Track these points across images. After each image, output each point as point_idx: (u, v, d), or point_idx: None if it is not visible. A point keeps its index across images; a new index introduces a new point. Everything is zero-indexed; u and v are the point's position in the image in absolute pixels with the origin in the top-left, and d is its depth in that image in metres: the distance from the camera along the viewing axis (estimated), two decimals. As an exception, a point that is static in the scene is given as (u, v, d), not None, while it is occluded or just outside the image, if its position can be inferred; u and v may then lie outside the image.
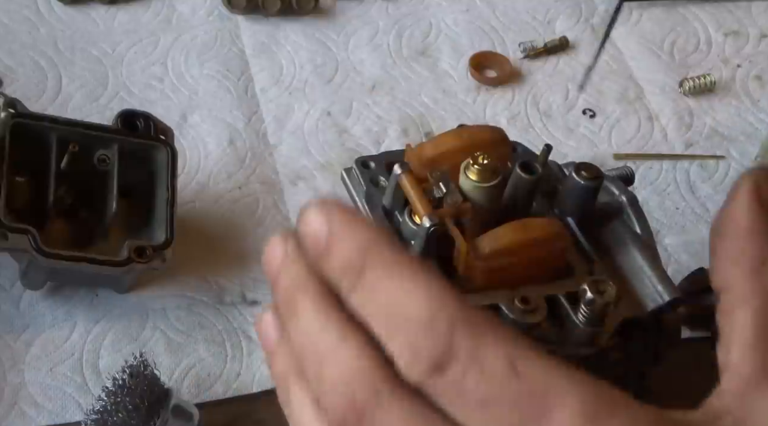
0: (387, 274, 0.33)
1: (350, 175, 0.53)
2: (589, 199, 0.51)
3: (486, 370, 0.31)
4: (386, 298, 0.32)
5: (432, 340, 0.31)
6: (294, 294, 0.34)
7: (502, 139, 0.51)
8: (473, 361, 0.31)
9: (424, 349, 0.31)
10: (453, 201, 0.46)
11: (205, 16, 0.87)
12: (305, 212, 0.34)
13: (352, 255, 0.33)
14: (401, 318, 0.32)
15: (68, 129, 0.64)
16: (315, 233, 0.34)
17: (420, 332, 0.31)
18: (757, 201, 0.38)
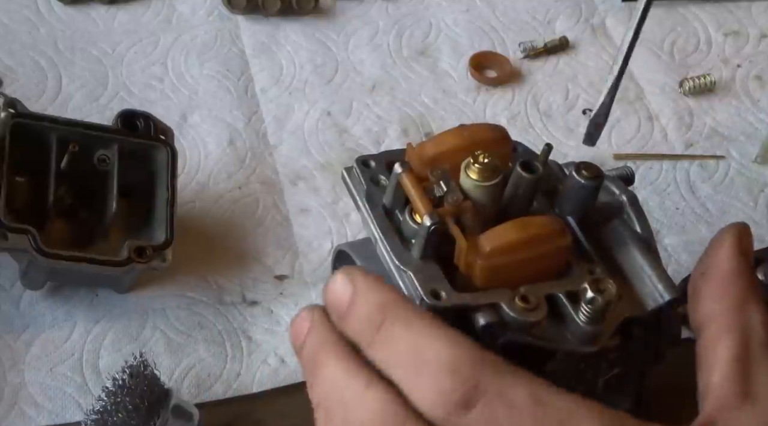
0: (406, 325, 0.36)
1: (351, 174, 0.53)
2: (590, 199, 0.51)
3: (513, 404, 0.34)
4: (406, 347, 0.36)
5: (458, 379, 0.34)
6: (318, 352, 0.38)
7: (503, 137, 0.51)
8: (500, 396, 0.34)
9: (451, 387, 0.34)
10: (453, 200, 0.46)
11: (205, 16, 0.87)
12: (331, 279, 0.38)
13: (372, 310, 0.37)
14: (424, 362, 0.35)
15: (68, 129, 0.64)
16: (339, 295, 0.38)
17: (445, 373, 0.34)
18: (738, 250, 0.43)
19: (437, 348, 0.35)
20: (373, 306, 0.37)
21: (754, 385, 0.39)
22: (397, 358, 0.36)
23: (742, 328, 0.41)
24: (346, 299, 0.38)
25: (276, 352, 0.65)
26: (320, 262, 0.71)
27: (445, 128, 0.80)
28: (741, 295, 0.42)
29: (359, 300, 0.37)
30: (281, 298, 0.68)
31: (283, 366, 0.65)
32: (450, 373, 0.35)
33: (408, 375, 0.35)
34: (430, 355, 0.35)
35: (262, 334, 0.66)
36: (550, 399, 0.35)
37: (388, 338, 0.36)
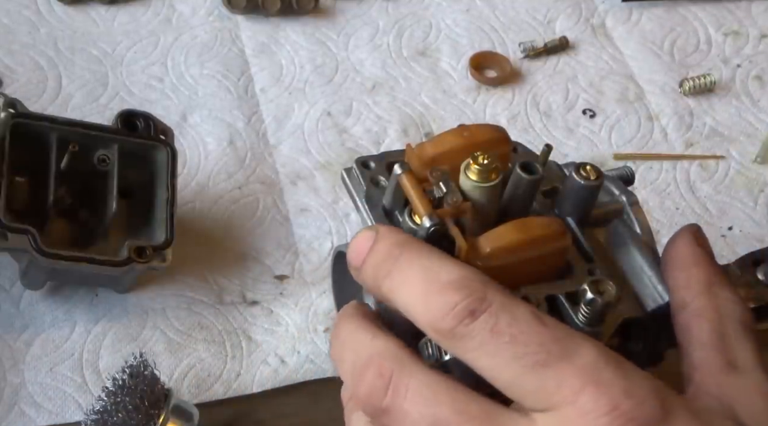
0: (420, 254, 0.40)
1: (350, 175, 0.53)
2: (590, 200, 0.51)
3: (517, 317, 0.37)
4: (420, 270, 0.39)
5: (466, 292, 0.38)
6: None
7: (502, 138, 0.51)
8: (504, 308, 0.38)
9: (459, 299, 0.38)
10: (453, 201, 0.46)
11: (205, 16, 0.87)
12: (355, 235, 0.43)
13: (392, 245, 0.41)
14: (436, 281, 0.38)
15: (68, 129, 0.64)
16: (362, 241, 0.42)
17: (454, 289, 0.38)
18: (696, 242, 0.47)
19: (449, 270, 0.39)
20: (392, 242, 0.41)
21: (737, 357, 0.42)
22: (412, 280, 0.39)
23: (713, 308, 0.44)
24: (370, 242, 0.42)
25: (276, 352, 0.65)
26: (320, 262, 0.71)
27: (445, 128, 0.80)
28: (706, 280, 0.45)
29: (381, 239, 0.41)
30: (281, 298, 0.68)
31: (283, 366, 0.65)
32: (459, 288, 0.38)
33: (420, 294, 0.38)
34: (442, 275, 0.38)
35: (262, 334, 0.66)
36: (550, 320, 0.38)
37: (405, 266, 0.40)
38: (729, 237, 0.75)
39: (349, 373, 0.40)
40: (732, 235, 0.75)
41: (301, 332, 0.66)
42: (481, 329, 0.37)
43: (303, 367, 0.65)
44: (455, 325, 0.37)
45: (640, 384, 0.37)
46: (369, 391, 0.38)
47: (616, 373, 0.36)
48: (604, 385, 0.36)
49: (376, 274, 0.41)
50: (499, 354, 0.37)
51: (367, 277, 0.42)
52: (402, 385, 0.38)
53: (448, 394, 0.37)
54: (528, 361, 0.36)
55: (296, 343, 0.66)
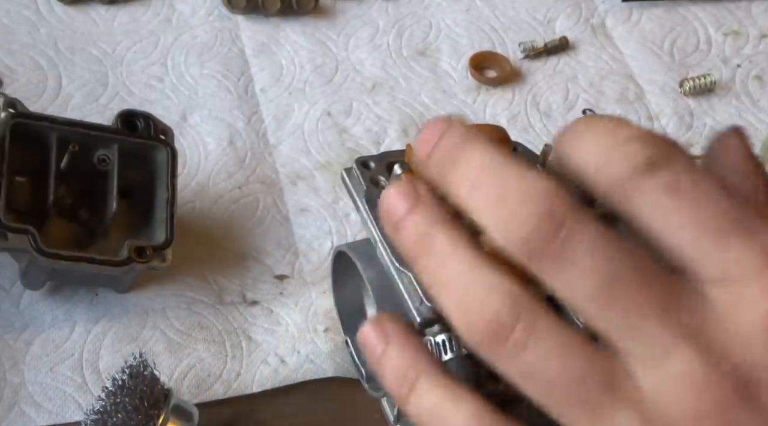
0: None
1: (350, 175, 0.53)
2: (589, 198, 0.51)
3: (698, 181, 0.31)
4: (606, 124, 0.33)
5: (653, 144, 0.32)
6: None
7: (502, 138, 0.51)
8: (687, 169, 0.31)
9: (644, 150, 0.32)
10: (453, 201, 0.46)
11: (205, 16, 0.87)
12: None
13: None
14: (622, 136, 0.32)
15: (68, 129, 0.64)
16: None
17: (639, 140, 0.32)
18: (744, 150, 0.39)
19: (630, 126, 0.33)
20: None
21: None
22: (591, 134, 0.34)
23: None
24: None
25: (276, 352, 0.65)
26: (320, 262, 0.71)
27: (445, 128, 0.80)
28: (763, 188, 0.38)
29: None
30: (281, 297, 0.68)
31: (283, 366, 0.65)
32: (644, 140, 0.32)
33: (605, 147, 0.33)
34: (626, 131, 0.33)
35: (262, 334, 0.66)
36: (731, 194, 0.32)
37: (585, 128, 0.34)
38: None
39: (500, 198, 0.32)
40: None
41: (301, 332, 0.66)
42: (659, 185, 0.31)
43: (303, 367, 0.65)
44: (632, 173, 0.31)
45: None
46: (534, 229, 0.31)
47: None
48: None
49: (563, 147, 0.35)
50: (675, 216, 0.31)
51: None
52: (577, 231, 0.31)
53: (625, 249, 0.31)
54: (708, 228, 0.31)
55: (296, 343, 0.66)
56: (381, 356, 0.35)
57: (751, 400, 0.29)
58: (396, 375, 0.35)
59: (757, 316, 0.30)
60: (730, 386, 0.29)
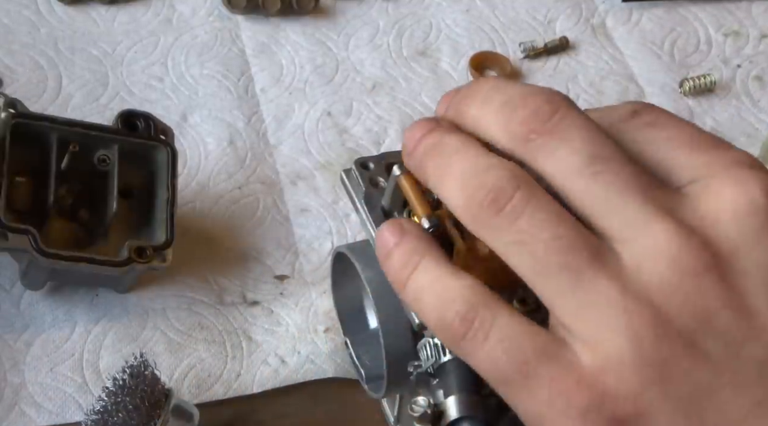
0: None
1: (349, 176, 0.53)
2: None
3: (664, 113, 0.38)
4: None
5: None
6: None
7: None
8: (655, 108, 0.38)
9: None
10: None
11: (205, 16, 0.87)
12: None
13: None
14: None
15: (68, 129, 0.64)
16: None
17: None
18: None
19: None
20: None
21: None
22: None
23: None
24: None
25: (276, 352, 0.65)
26: (320, 262, 0.71)
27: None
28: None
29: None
30: (281, 298, 0.68)
31: (283, 366, 0.65)
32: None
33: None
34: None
35: (263, 334, 0.66)
36: None
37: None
38: (729, 237, 0.75)
39: (506, 101, 0.36)
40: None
41: (302, 332, 0.66)
42: (645, 121, 0.36)
43: (303, 368, 0.65)
44: (621, 120, 0.36)
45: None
46: (532, 113, 0.34)
47: (760, 164, 0.35)
48: (755, 167, 0.34)
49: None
50: (656, 137, 0.36)
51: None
52: (569, 115, 0.34)
53: (611, 140, 0.35)
54: (682, 143, 0.35)
55: (296, 343, 0.66)
56: (392, 248, 0.38)
57: (719, 268, 0.32)
58: (401, 260, 0.37)
59: (723, 200, 0.33)
60: (701, 256, 0.32)
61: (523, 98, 0.35)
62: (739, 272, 0.32)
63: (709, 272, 0.32)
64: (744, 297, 0.32)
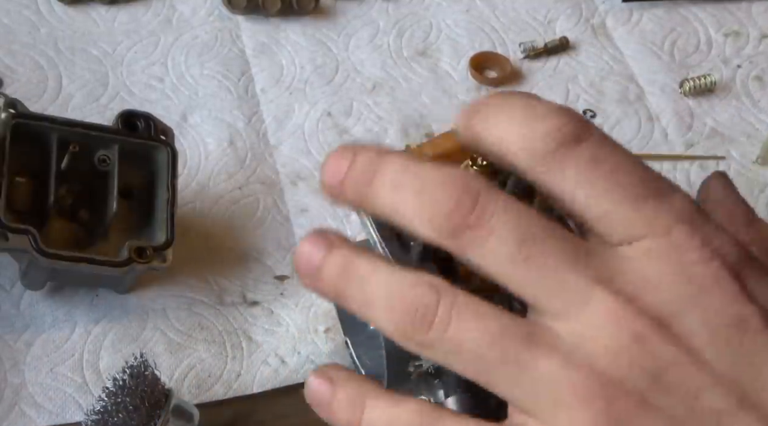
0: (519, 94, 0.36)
1: None
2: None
3: (616, 150, 0.35)
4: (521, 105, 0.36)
5: (571, 117, 0.35)
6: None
7: None
8: (606, 140, 0.35)
9: (563, 123, 0.34)
10: None
11: (206, 16, 0.87)
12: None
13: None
14: (534, 111, 0.35)
15: (68, 129, 0.64)
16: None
17: (557, 114, 0.35)
18: (728, 184, 0.47)
19: (546, 105, 0.36)
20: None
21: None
22: (512, 111, 0.36)
23: (760, 240, 0.43)
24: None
25: (276, 352, 0.65)
26: (320, 263, 0.71)
27: (446, 129, 0.80)
28: (748, 213, 0.44)
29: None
30: (281, 298, 0.68)
31: (283, 366, 0.65)
32: (561, 114, 0.35)
33: (520, 121, 0.35)
34: (539, 108, 0.35)
35: (263, 334, 0.66)
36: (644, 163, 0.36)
37: (502, 103, 0.36)
38: (729, 237, 0.75)
39: (421, 189, 0.35)
40: (732, 236, 0.75)
41: (302, 333, 0.66)
42: (583, 156, 0.34)
43: (303, 368, 0.65)
44: (556, 148, 0.34)
45: (726, 233, 0.35)
46: (454, 206, 0.34)
47: (706, 218, 0.35)
48: (697, 225, 0.34)
49: (472, 125, 0.37)
50: (598, 183, 0.34)
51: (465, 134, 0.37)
52: (491, 202, 0.34)
53: (535, 215, 0.35)
54: (626, 193, 0.34)
55: (297, 343, 0.66)
56: (330, 399, 0.39)
57: (663, 330, 0.32)
58: (346, 407, 0.38)
59: (665, 264, 0.33)
60: (644, 321, 0.32)
61: (440, 188, 0.34)
62: (685, 332, 0.33)
63: (654, 334, 0.33)
64: (694, 352, 0.33)
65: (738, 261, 0.34)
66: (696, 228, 0.34)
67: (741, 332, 0.33)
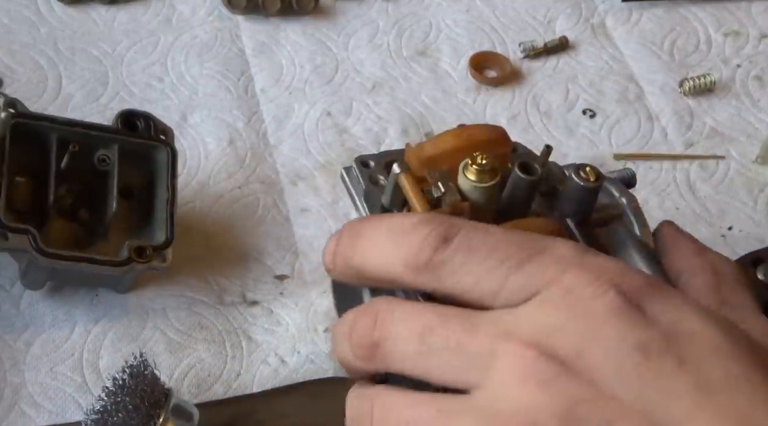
0: (380, 220, 0.41)
1: (350, 174, 0.53)
2: (589, 202, 0.51)
3: (488, 232, 0.38)
4: (385, 227, 0.40)
5: (435, 223, 0.38)
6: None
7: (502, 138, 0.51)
8: (475, 229, 0.38)
9: (430, 230, 0.38)
10: (451, 201, 0.46)
11: (205, 16, 0.87)
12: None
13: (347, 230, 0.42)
14: (401, 227, 0.39)
15: (68, 129, 0.64)
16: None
17: (421, 223, 0.38)
18: (677, 228, 0.49)
19: (410, 216, 0.40)
20: (352, 225, 0.41)
21: (732, 298, 0.43)
22: (379, 238, 0.40)
23: (707, 264, 0.45)
24: (333, 242, 0.42)
25: (276, 352, 0.65)
26: (320, 262, 0.70)
27: (446, 128, 0.80)
28: (697, 248, 0.47)
29: (342, 230, 0.42)
30: (281, 298, 0.68)
31: (283, 366, 0.65)
32: (426, 222, 0.38)
33: (391, 243, 0.39)
34: (405, 222, 0.39)
35: (263, 334, 0.66)
36: (519, 230, 0.39)
37: (369, 233, 0.40)
38: (729, 237, 0.75)
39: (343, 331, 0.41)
40: (732, 235, 0.75)
41: (301, 332, 0.66)
42: (458, 251, 0.37)
43: (303, 367, 0.65)
44: (431, 255, 0.38)
45: (620, 263, 0.37)
46: (360, 333, 0.39)
47: (595, 256, 0.37)
48: (584, 265, 0.36)
49: (345, 255, 0.41)
50: (480, 267, 0.37)
51: (339, 265, 0.42)
52: (388, 315, 0.38)
53: (430, 307, 0.38)
54: (510, 263, 0.37)
55: (296, 343, 0.66)
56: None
57: (568, 369, 0.34)
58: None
59: (560, 308, 0.35)
60: (546, 365, 0.35)
61: (349, 324, 0.40)
62: (589, 367, 0.34)
63: (560, 376, 0.34)
64: (600, 386, 0.34)
65: (636, 287, 0.36)
66: (584, 267, 0.36)
67: (644, 358, 0.34)
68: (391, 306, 0.39)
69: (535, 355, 0.35)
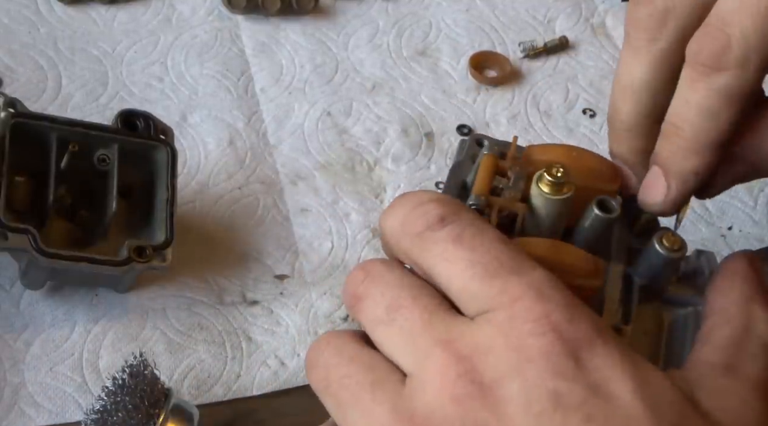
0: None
1: (460, 146, 0.53)
2: (669, 273, 0.48)
3: (482, 232, 0.39)
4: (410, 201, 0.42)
5: (443, 203, 0.40)
6: None
7: (612, 174, 0.49)
8: (473, 224, 0.40)
9: (434, 208, 0.40)
10: (510, 196, 0.45)
11: (205, 15, 0.87)
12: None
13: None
14: (412, 202, 0.41)
15: (68, 129, 0.64)
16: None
17: (432, 201, 0.41)
18: (751, 262, 0.46)
19: (429, 194, 0.42)
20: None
21: (743, 366, 0.40)
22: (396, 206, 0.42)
23: (744, 319, 0.43)
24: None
25: (276, 353, 0.65)
26: (320, 262, 0.71)
27: (445, 128, 0.80)
28: (748, 294, 0.44)
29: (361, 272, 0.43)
30: (281, 298, 0.68)
31: (283, 368, 0.65)
32: (436, 201, 0.41)
33: (406, 212, 0.41)
34: (423, 196, 0.41)
35: (262, 334, 0.66)
36: (515, 245, 0.40)
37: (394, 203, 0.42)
38: (729, 237, 0.75)
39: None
40: (732, 235, 0.75)
41: (302, 335, 0.66)
42: (446, 236, 0.39)
43: (303, 371, 0.64)
44: (423, 229, 0.40)
45: (582, 310, 0.37)
46: (350, 283, 0.41)
47: (561, 295, 0.37)
48: (543, 298, 0.37)
49: (380, 219, 0.43)
50: (456, 261, 0.38)
51: (379, 226, 0.44)
52: (377, 274, 0.41)
53: (414, 286, 0.40)
54: (480, 270, 0.38)
55: (296, 345, 0.66)
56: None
57: (482, 395, 0.36)
58: None
59: (499, 333, 0.37)
60: (465, 384, 0.36)
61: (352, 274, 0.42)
62: (502, 398, 0.35)
63: (472, 400, 0.35)
64: (507, 419, 0.35)
65: (580, 337, 0.36)
66: (539, 301, 0.37)
67: (553, 407, 0.35)
68: (383, 268, 0.41)
69: (460, 371, 0.36)
